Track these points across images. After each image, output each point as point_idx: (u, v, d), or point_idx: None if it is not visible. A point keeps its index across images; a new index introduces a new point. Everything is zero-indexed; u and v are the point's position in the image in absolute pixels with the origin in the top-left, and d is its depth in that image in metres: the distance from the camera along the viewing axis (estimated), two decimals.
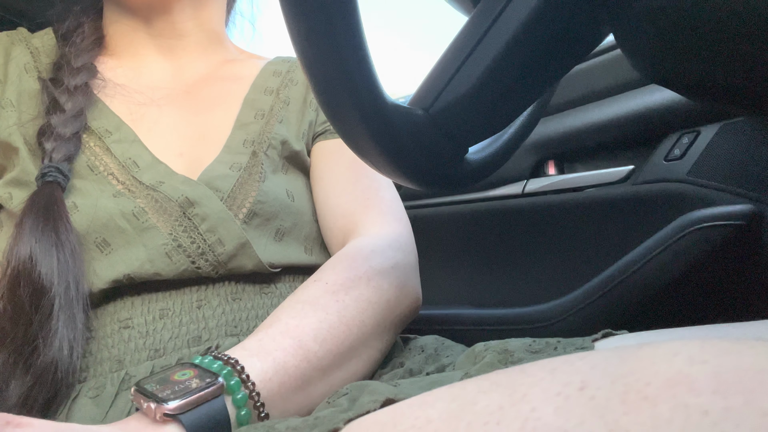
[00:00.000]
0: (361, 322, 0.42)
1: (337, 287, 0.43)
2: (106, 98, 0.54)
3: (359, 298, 0.43)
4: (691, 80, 0.31)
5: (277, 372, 0.36)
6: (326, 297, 0.42)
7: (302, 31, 0.27)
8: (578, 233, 0.73)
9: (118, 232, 0.45)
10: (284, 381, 0.36)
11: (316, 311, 0.40)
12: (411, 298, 0.49)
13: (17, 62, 0.54)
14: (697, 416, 0.15)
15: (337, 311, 0.41)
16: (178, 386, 0.31)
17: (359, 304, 0.43)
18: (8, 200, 0.47)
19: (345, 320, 0.41)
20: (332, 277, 0.44)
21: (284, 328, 0.38)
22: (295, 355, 0.37)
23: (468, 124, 0.34)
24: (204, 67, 0.61)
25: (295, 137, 0.58)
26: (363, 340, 0.42)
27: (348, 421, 0.26)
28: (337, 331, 0.40)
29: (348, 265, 0.45)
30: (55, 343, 0.39)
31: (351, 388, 0.31)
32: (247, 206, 0.49)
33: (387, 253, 0.48)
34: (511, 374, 0.21)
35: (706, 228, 0.56)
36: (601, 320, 0.63)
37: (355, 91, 0.29)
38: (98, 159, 0.49)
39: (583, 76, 0.75)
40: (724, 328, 0.33)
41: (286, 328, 0.38)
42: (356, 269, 0.45)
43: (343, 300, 0.42)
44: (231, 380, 0.33)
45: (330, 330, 0.40)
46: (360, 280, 0.44)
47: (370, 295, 0.44)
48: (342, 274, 0.44)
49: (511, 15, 0.31)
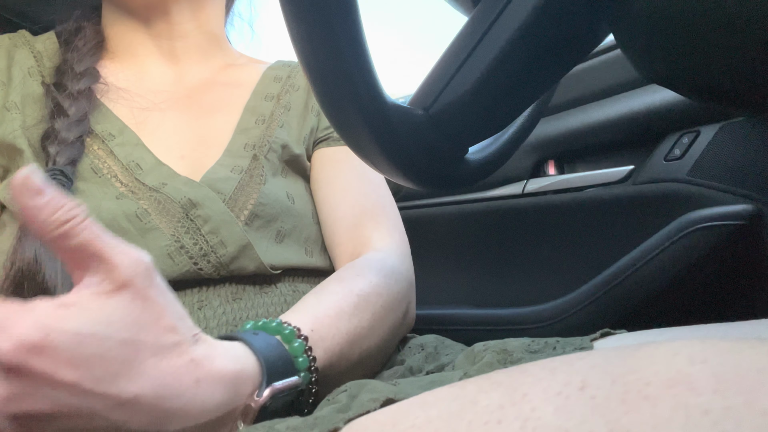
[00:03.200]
0: (386, 332, 0.45)
1: (380, 289, 0.45)
2: (108, 102, 0.54)
3: (385, 307, 0.45)
4: (691, 80, 0.31)
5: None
6: (373, 297, 0.44)
7: (302, 32, 0.27)
8: (578, 233, 0.73)
9: (121, 233, 0.45)
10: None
11: (372, 314, 0.43)
12: (412, 318, 0.52)
13: (21, 66, 0.54)
14: (697, 416, 0.15)
15: (380, 320, 0.44)
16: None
17: (388, 313, 0.45)
18: (11, 201, 0.47)
19: (380, 330, 0.44)
20: (374, 278, 0.45)
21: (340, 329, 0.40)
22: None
23: (468, 124, 0.34)
24: (205, 71, 0.61)
25: (295, 141, 0.58)
26: (379, 351, 0.45)
27: (348, 420, 0.26)
28: (375, 341, 0.43)
29: (379, 272, 0.47)
30: None
31: (350, 386, 0.31)
32: (249, 208, 0.49)
33: (403, 273, 0.50)
34: (512, 374, 0.21)
35: (706, 228, 0.56)
36: (600, 320, 0.63)
37: (355, 91, 0.29)
38: (102, 162, 0.49)
39: (583, 76, 0.75)
40: (724, 328, 0.33)
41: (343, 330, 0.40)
42: (387, 284, 0.46)
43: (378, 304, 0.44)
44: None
45: (369, 340, 0.43)
46: (392, 292, 0.46)
47: (395, 308, 0.47)
48: (378, 277, 0.46)
49: (511, 15, 0.31)
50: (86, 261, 0.27)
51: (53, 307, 0.25)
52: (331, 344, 0.38)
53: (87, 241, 0.26)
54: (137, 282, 0.27)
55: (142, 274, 0.27)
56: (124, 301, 0.27)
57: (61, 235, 0.26)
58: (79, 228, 0.26)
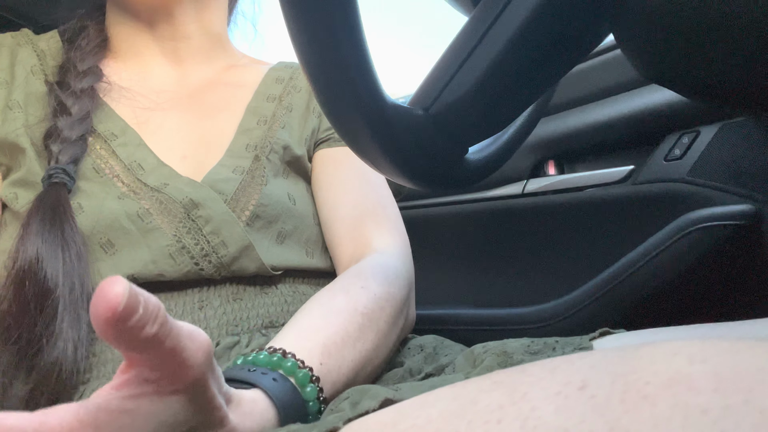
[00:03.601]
0: (389, 346, 0.45)
1: (382, 303, 0.44)
2: (111, 102, 0.54)
3: (389, 321, 0.44)
4: (691, 80, 0.31)
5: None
6: (377, 313, 0.43)
7: (303, 32, 0.27)
8: (578, 233, 0.73)
9: (122, 233, 0.45)
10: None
11: (375, 333, 0.42)
12: (412, 319, 0.51)
13: (24, 65, 0.54)
14: (696, 415, 0.15)
15: (384, 336, 0.43)
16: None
17: (391, 328, 0.45)
18: (13, 200, 0.47)
19: (385, 348, 0.44)
20: (378, 290, 0.45)
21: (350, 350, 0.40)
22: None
23: (468, 124, 0.34)
24: (208, 72, 0.61)
25: (297, 143, 0.58)
26: (382, 363, 0.44)
27: (348, 420, 0.26)
28: (379, 358, 0.43)
29: (383, 280, 0.46)
30: (59, 344, 0.39)
31: (352, 393, 0.31)
32: (250, 209, 0.49)
33: (405, 276, 0.49)
34: (512, 374, 0.21)
35: (706, 228, 0.56)
36: (600, 320, 0.63)
37: (355, 92, 0.29)
38: (104, 162, 0.49)
39: (583, 76, 0.75)
40: (724, 328, 0.33)
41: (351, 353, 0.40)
42: (390, 294, 0.46)
43: (384, 320, 0.44)
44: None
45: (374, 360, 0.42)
46: (396, 303, 0.46)
47: (398, 319, 0.46)
48: (382, 288, 0.45)
49: (511, 15, 0.31)
50: (153, 357, 0.22)
51: (106, 413, 0.22)
52: (337, 377, 0.37)
53: (170, 343, 0.22)
54: (203, 378, 0.24)
55: (208, 366, 0.24)
56: (186, 399, 0.24)
57: (149, 340, 0.21)
58: (165, 330, 0.22)
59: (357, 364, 0.39)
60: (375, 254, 0.50)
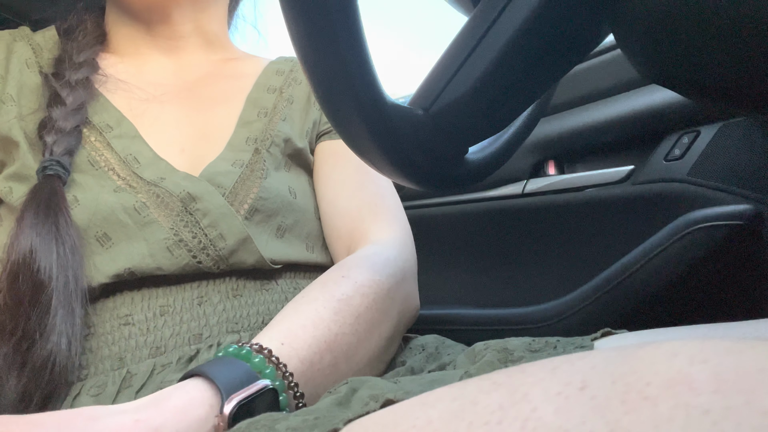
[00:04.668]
0: (378, 335, 0.43)
1: (365, 290, 0.43)
2: (107, 93, 0.54)
3: (372, 308, 0.44)
4: (691, 80, 0.31)
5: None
6: (357, 299, 0.42)
7: (302, 31, 0.27)
8: (578, 233, 0.73)
9: (119, 226, 0.45)
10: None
11: (356, 318, 0.41)
12: (414, 307, 0.50)
13: (18, 57, 0.54)
14: (697, 416, 0.15)
15: (366, 322, 0.42)
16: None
17: (378, 315, 0.44)
18: (8, 194, 0.47)
19: (369, 334, 0.43)
20: (360, 278, 0.44)
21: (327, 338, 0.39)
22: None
23: (468, 124, 0.34)
24: (206, 65, 0.61)
25: (298, 135, 0.58)
26: (379, 354, 0.44)
27: (348, 421, 0.26)
28: (365, 346, 0.42)
29: (368, 268, 0.45)
30: (53, 338, 0.39)
31: (352, 380, 0.31)
32: (249, 202, 0.49)
33: (398, 264, 0.49)
34: (512, 374, 0.21)
35: (706, 228, 0.56)
36: (601, 320, 0.63)
37: (355, 91, 0.29)
38: (99, 154, 0.49)
39: (583, 76, 0.75)
40: (724, 328, 0.33)
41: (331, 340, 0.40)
42: (375, 282, 0.45)
43: (369, 306, 0.43)
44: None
45: (357, 346, 0.41)
46: (382, 290, 0.45)
47: (388, 307, 0.45)
48: (365, 275, 0.45)
49: (511, 15, 0.31)
50: None
51: None
52: (307, 353, 0.37)
53: None
54: None
55: None
56: None
57: None
58: None
59: (332, 345, 0.39)
60: (368, 246, 0.50)
